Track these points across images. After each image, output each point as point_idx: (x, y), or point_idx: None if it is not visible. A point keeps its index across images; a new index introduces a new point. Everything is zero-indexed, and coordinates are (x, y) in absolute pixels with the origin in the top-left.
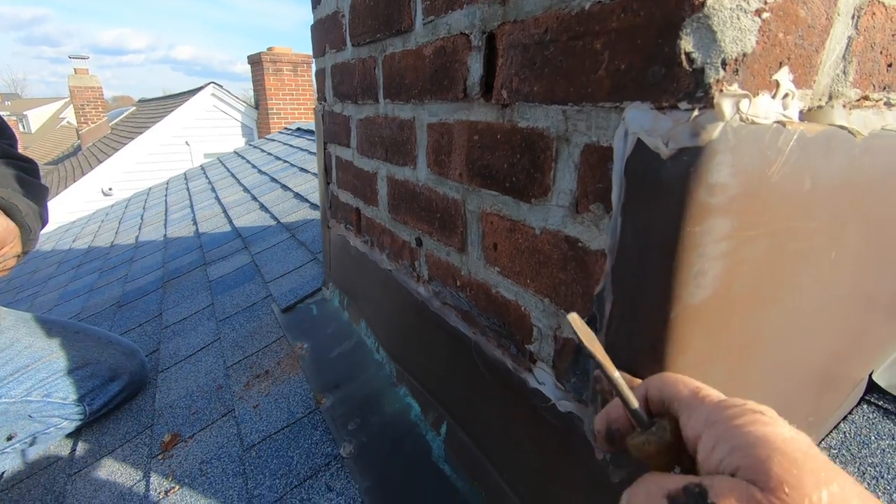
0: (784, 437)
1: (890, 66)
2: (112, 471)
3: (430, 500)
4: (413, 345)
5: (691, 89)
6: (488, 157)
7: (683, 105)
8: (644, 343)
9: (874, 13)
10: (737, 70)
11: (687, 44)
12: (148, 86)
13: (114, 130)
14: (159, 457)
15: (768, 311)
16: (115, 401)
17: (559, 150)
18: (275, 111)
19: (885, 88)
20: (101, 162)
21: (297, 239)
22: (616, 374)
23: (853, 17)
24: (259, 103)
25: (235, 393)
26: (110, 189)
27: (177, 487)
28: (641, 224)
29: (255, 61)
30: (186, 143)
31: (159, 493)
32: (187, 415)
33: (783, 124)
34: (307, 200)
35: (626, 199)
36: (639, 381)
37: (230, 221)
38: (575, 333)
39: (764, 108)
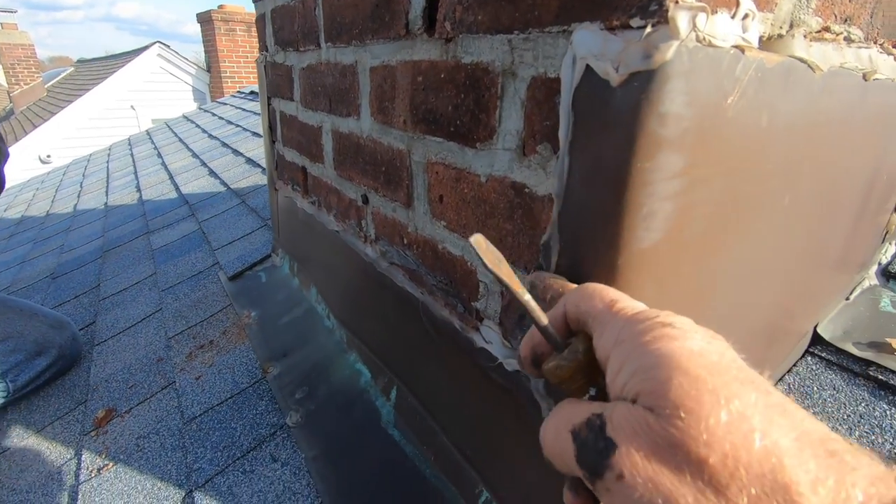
0: (691, 351)
1: None
2: (40, 450)
3: (378, 466)
4: (363, 309)
5: (644, 2)
6: (432, 99)
7: (635, 22)
8: None
9: None
10: None
11: None
12: (88, 46)
13: (50, 93)
14: (92, 433)
15: (720, 259)
16: (44, 377)
17: (505, 87)
18: (228, 74)
19: (846, 20)
20: (36, 127)
21: (248, 205)
22: (527, 297)
23: None
24: (211, 66)
25: (177, 365)
26: (49, 156)
27: (110, 464)
28: (589, 163)
29: (206, 20)
30: (132, 107)
31: (91, 472)
32: (124, 389)
33: (742, 50)
34: (259, 165)
35: (573, 135)
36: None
37: (177, 188)
38: (478, 256)
39: (722, 29)
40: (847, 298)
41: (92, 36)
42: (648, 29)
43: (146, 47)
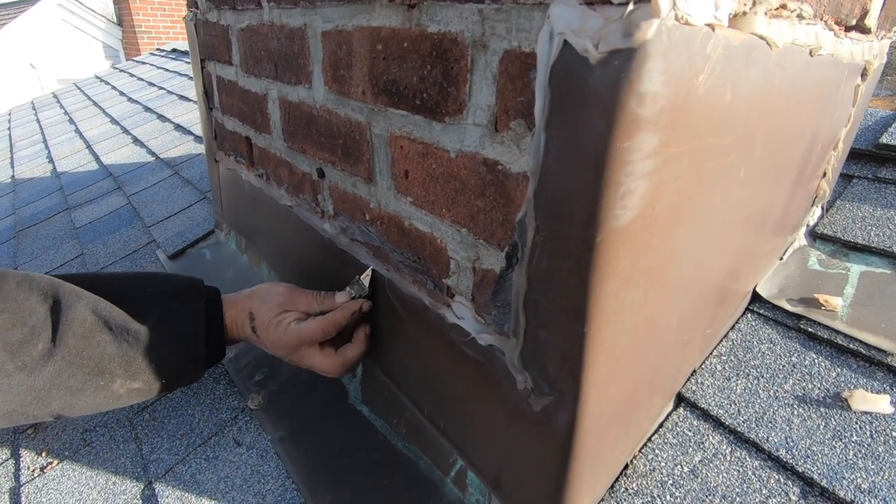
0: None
1: None
2: None
3: (349, 442)
4: (321, 286)
5: None
6: (395, 70)
7: None
8: (568, 270)
9: None
10: None
11: None
12: None
13: None
14: (29, 431)
15: (683, 231)
16: None
17: (475, 59)
18: (143, 29)
19: None
20: None
21: (182, 176)
22: None
23: None
24: (122, 20)
25: None
26: None
27: (55, 462)
28: (566, 141)
29: None
30: (31, 65)
31: (33, 472)
32: None
33: (713, 28)
34: (191, 133)
35: (550, 113)
36: None
37: (97, 158)
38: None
39: (698, 6)
40: (781, 258)
41: None
42: (630, 6)
43: None
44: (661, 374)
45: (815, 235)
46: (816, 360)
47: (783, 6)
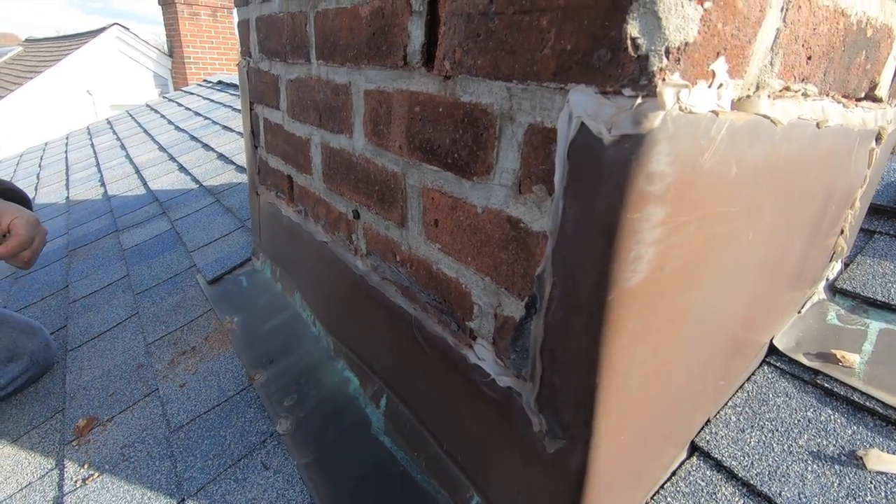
0: None
1: (809, 58)
2: (18, 460)
3: (370, 471)
4: (351, 319)
5: (636, 76)
6: (430, 130)
7: (627, 92)
8: (582, 324)
9: (800, 7)
10: (679, 59)
11: (633, 29)
12: (37, 23)
13: None
14: (73, 443)
15: (692, 290)
16: (15, 384)
17: (503, 129)
18: (192, 60)
19: (804, 80)
20: None
21: (223, 204)
22: None
23: (782, 10)
24: (173, 51)
25: (159, 372)
26: None
27: (96, 475)
28: (582, 209)
29: (168, 3)
30: (88, 91)
31: (76, 482)
32: (104, 396)
33: (716, 113)
34: (233, 162)
35: (568, 182)
36: None
37: (144, 183)
38: None
39: (701, 98)
40: (799, 312)
41: (39, 12)
42: (639, 100)
43: (103, 29)
44: (673, 424)
45: (834, 290)
46: (832, 417)
47: (786, 88)
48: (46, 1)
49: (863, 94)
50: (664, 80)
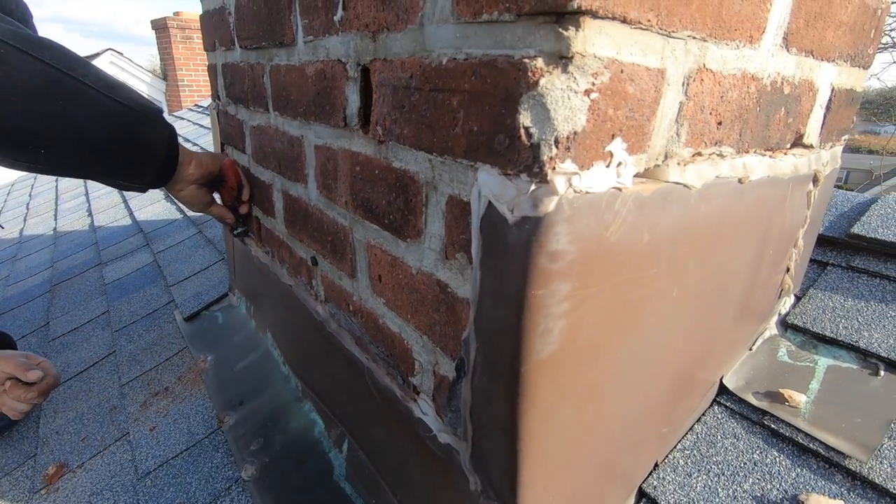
0: None
1: (720, 123)
2: None
3: None
4: (314, 362)
5: (529, 163)
6: (369, 190)
7: (524, 177)
8: (501, 391)
9: (703, 79)
10: (569, 147)
11: (525, 118)
12: None
13: None
14: (42, 491)
15: (614, 352)
16: None
17: (429, 196)
18: (186, 83)
19: (717, 143)
20: None
21: (205, 235)
22: None
23: (683, 85)
24: (167, 74)
25: (131, 414)
26: None
27: None
28: (495, 282)
29: (161, 27)
30: None
31: None
32: (76, 441)
33: (619, 189)
34: None
35: (482, 255)
36: None
37: (131, 213)
38: None
39: (598, 179)
40: (750, 348)
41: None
42: (533, 186)
43: (97, 55)
44: (613, 475)
45: (786, 325)
46: (777, 459)
47: (698, 154)
48: (46, 24)
49: (789, 146)
50: (554, 168)
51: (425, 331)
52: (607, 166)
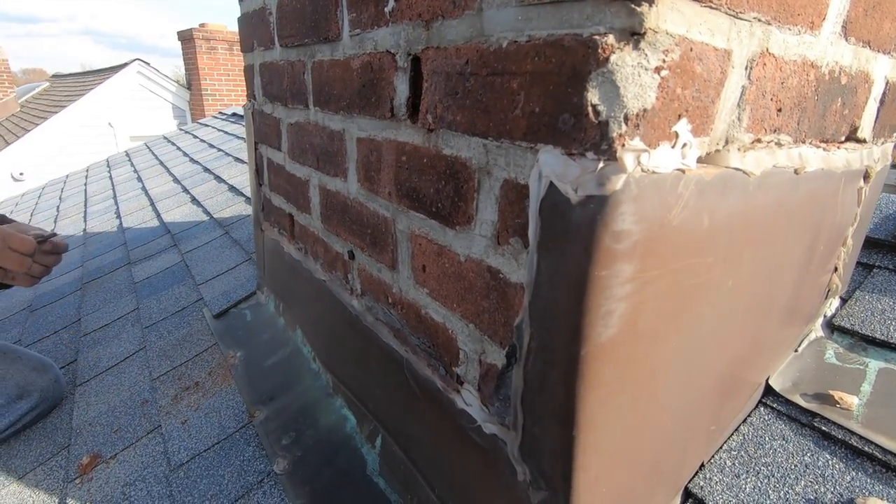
0: None
1: (780, 110)
2: (22, 499)
3: None
4: (347, 357)
5: (597, 141)
6: (416, 179)
7: (590, 155)
8: (557, 377)
9: (765, 64)
10: (638, 125)
11: (593, 96)
12: (65, 59)
13: (24, 108)
14: (76, 481)
15: (670, 341)
16: (24, 420)
17: (481, 182)
18: (209, 92)
19: (775, 131)
20: (9, 143)
21: (231, 237)
22: None
23: (746, 69)
24: (191, 83)
25: (162, 408)
26: (21, 174)
27: None
28: (554, 264)
29: (187, 38)
30: (110, 124)
31: None
32: (108, 433)
33: (682, 171)
34: (242, 194)
35: (541, 238)
36: None
37: (158, 216)
38: None
39: (664, 159)
40: (796, 350)
41: (68, 49)
42: (601, 164)
43: (125, 64)
44: (661, 472)
45: (832, 327)
46: (830, 462)
47: (757, 140)
48: (77, 38)
49: (843, 138)
50: (623, 145)
51: (472, 319)
52: (672, 147)
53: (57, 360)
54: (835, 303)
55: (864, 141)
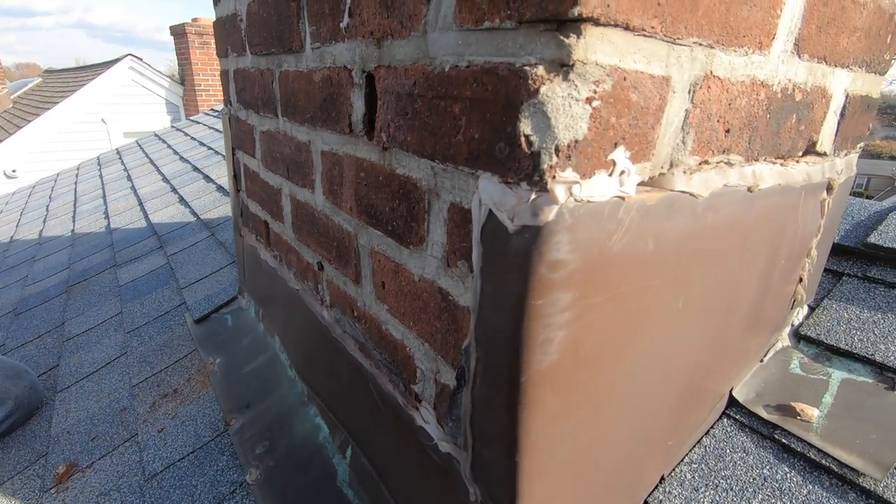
0: None
1: (728, 131)
2: None
3: None
4: (319, 367)
5: (530, 171)
6: (373, 196)
7: (524, 185)
8: (501, 401)
9: (710, 87)
10: (570, 155)
11: (526, 126)
12: (59, 53)
13: (17, 105)
14: (52, 490)
15: (618, 363)
16: (0, 428)
17: (431, 203)
18: (203, 87)
19: (724, 151)
20: (1, 141)
21: (217, 238)
22: None
23: (689, 93)
24: (185, 79)
25: (140, 415)
26: (14, 171)
27: None
28: (495, 291)
29: (179, 33)
30: (103, 120)
31: None
32: (86, 441)
33: (622, 197)
34: (229, 194)
35: (483, 264)
36: None
37: (146, 216)
38: None
39: (600, 188)
40: (761, 360)
41: (63, 42)
42: (533, 195)
43: (117, 60)
44: (617, 489)
45: (799, 336)
46: (788, 475)
47: (704, 162)
48: (70, 33)
49: (801, 153)
50: (554, 177)
51: (427, 338)
52: (610, 175)
53: (39, 365)
54: (803, 312)
55: (825, 154)
